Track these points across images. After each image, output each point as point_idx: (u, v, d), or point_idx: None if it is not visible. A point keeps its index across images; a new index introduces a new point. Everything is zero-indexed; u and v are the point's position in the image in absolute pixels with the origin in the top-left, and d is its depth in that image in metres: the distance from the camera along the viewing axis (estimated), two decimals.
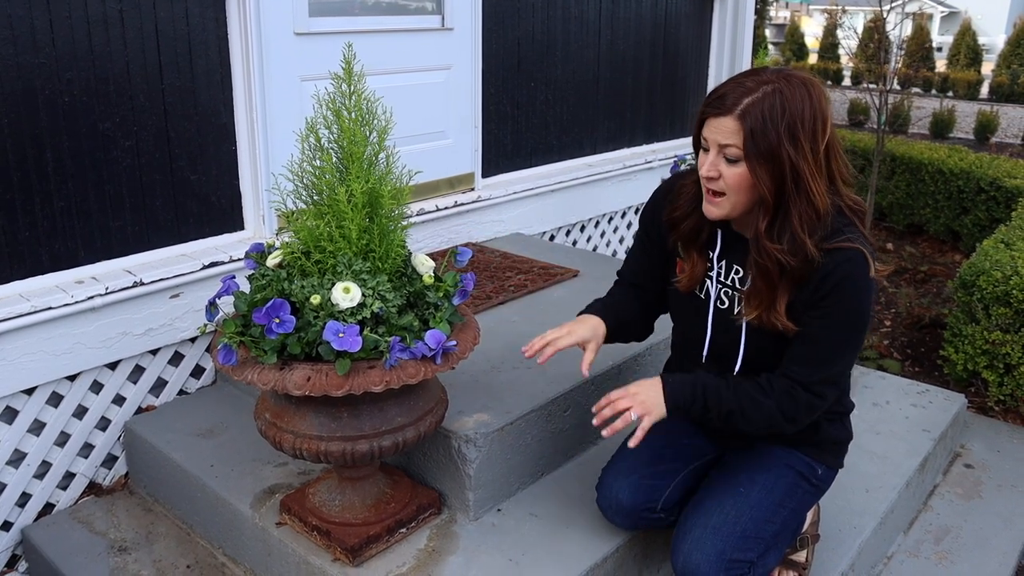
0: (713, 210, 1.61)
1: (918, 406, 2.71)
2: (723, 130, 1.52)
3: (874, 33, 6.25)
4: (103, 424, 2.35)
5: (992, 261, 3.11)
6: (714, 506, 1.70)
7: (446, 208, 3.09)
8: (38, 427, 2.21)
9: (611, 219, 3.97)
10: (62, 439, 2.27)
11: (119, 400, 2.36)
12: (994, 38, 21.30)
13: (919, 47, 14.26)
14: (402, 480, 1.95)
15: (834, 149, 1.56)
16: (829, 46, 16.41)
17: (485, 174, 3.32)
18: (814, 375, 1.61)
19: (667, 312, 1.92)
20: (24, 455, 2.19)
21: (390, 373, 1.52)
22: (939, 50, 17.80)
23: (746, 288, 1.65)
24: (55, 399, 2.23)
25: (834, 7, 19.12)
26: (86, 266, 2.25)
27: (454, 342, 1.59)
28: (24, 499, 2.22)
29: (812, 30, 21.18)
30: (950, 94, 13.87)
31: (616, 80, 3.84)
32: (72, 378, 2.24)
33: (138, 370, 2.39)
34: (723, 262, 1.72)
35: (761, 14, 13.46)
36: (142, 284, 2.26)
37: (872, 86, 6.37)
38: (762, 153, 1.49)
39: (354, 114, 1.61)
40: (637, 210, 4.05)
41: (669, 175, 2.06)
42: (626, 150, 4.00)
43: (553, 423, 2.09)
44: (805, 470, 1.78)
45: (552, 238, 3.66)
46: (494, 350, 2.28)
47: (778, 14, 23.06)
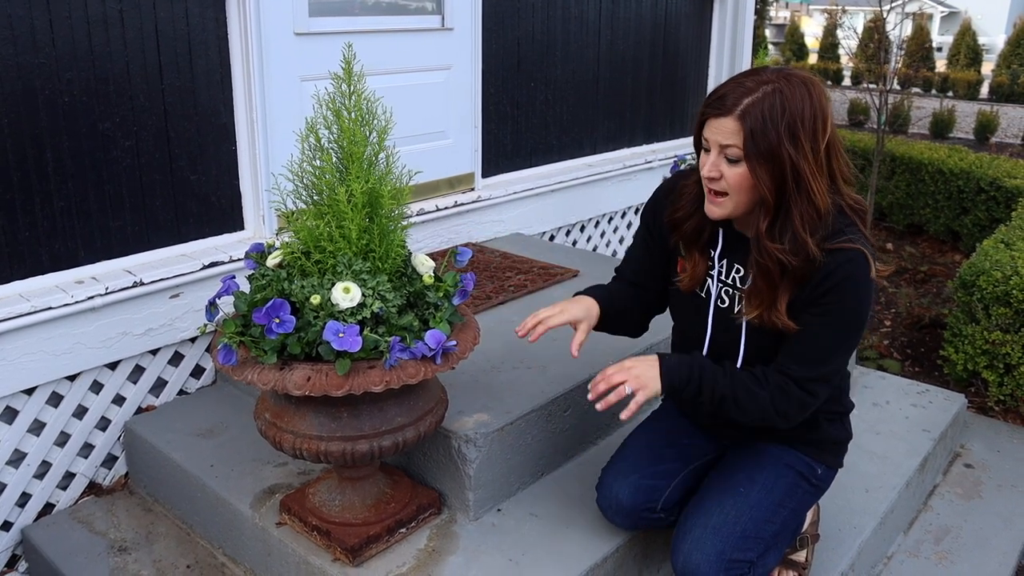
0: (715, 210, 1.61)
1: (918, 406, 2.71)
2: (723, 130, 1.52)
3: (874, 33, 6.25)
4: (103, 424, 2.35)
5: (992, 261, 3.11)
6: (714, 506, 1.70)
7: (446, 208, 3.09)
8: (38, 427, 2.21)
9: (611, 219, 3.97)
10: (62, 439, 2.27)
11: (119, 400, 2.37)
12: (994, 38, 21.31)
13: (919, 47, 14.26)
14: (402, 480, 1.95)
15: (835, 148, 1.56)
16: (829, 46, 16.41)
17: (485, 174, 3.32)
18: (808, 372, 1.61)
19: (664, 311, 1.92)
20: (24, 455, 2.20)
21: (390, 373, 1.52)
22: (939, 50, 17.81)
23: (747, 287, 1.65)
24: (55, 399, 2.23)
25: (834, 7, 19.12)
26: (86, 266, 2.25)
27: (454, 342, 1.59)
28: (24, 499, 2.22)
29: (812, 30, 21.19)
30: (950, 94, 13.87)
31: (616, 80, 3.84)
32: (72, 378, 2.24)
33: (138, 370, 2.39)
34: (724, 261, 1.72)
35: (761, 14, 13.46)
36: (142, 284, 2.26)
37: (872, 86, 6.38)
38: (762, 153, 1.49)
39: (354, 114, 1.61)
40: (637, 210, 4.05)
41: (669, 175, 2.06)
42: (626, 150, 4.00)
43: (553, 423, 2.09)
44: (805, 470, 1.78)
45: (552, 238, 3.66)
46: (494, 350, 2.29)
47: (778, 14, 23.07)
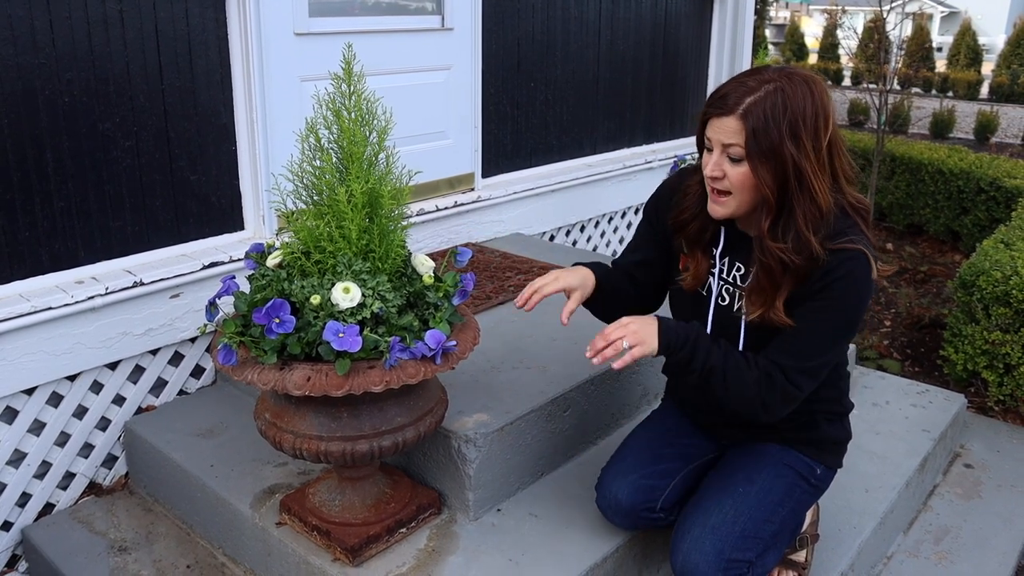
0: (718, 209, 1.61)
1: (918, 406, 2.71)
2: (726, 130, 1.52)
3: (874, 33, 6.26)
4: (103, 424, 2.35)
5: (992, 261, 3.11)
6: (713, 506, 1.70)
7: (446, 208, 3.09)
8: (38, 427, 2.21)
9: (611, 219, 3.97)
10: (62, 439, 2.27)
11: (119, 400, 2.37)
12: (994, 38, 21.31)
13: (919, 47, 14.26)
14: (402, 480, 1.95)
15: (837, 147, 1.56)
16: (829, 46, 16.42)
17: (485, 174, 3.32)
18: (795, 363, 1.60)
19: (659, 308, 1.92)
20: (24, 455, 2.20)
21: (390, 373, 1.52)
22: (939, 50, 17.81)
23: (748, 285, 1.65)
24: (55, 399, 2.23)
25: (834, 7, 19.11)
26: (86, 266, 2.25)
27: (454, 342, 1.59)
28: (24, 499, 2.22)
29: (812, 30, 21.19)
30: (950, 94, 13.87)
31: (616, 80, 3.84)
32: (72, 378, 2.24)
33: (138, 370, 2.39)
34: (725, 259, 1.72)
35: (761, 14, 13.46)
36: (142, 284, 2.26)
37: (872, 86, 6.38)
38: (764, 152, 1.49)
39: (354, 114, 1.61)
40: (637, 210, 4.05)
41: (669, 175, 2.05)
42: (626, 150, 4.00)
43: (553, 423, 2.09)
44: (804, 470, 1.78)
45: (552, 238, 3.66)
46: (494, 350, 2.29)
47: (778, 14, 23.07)
